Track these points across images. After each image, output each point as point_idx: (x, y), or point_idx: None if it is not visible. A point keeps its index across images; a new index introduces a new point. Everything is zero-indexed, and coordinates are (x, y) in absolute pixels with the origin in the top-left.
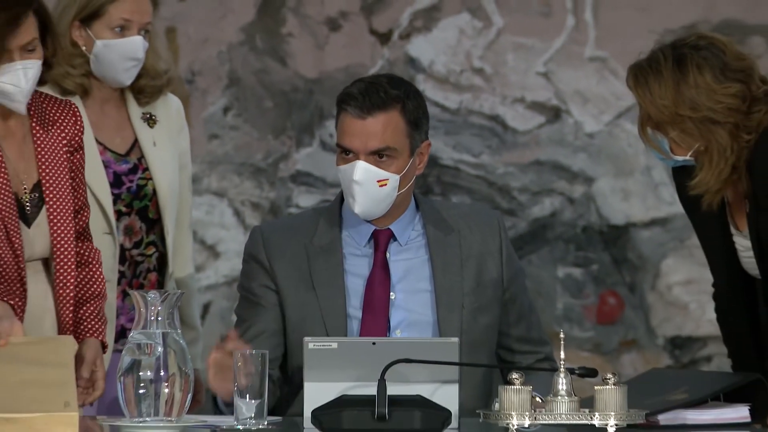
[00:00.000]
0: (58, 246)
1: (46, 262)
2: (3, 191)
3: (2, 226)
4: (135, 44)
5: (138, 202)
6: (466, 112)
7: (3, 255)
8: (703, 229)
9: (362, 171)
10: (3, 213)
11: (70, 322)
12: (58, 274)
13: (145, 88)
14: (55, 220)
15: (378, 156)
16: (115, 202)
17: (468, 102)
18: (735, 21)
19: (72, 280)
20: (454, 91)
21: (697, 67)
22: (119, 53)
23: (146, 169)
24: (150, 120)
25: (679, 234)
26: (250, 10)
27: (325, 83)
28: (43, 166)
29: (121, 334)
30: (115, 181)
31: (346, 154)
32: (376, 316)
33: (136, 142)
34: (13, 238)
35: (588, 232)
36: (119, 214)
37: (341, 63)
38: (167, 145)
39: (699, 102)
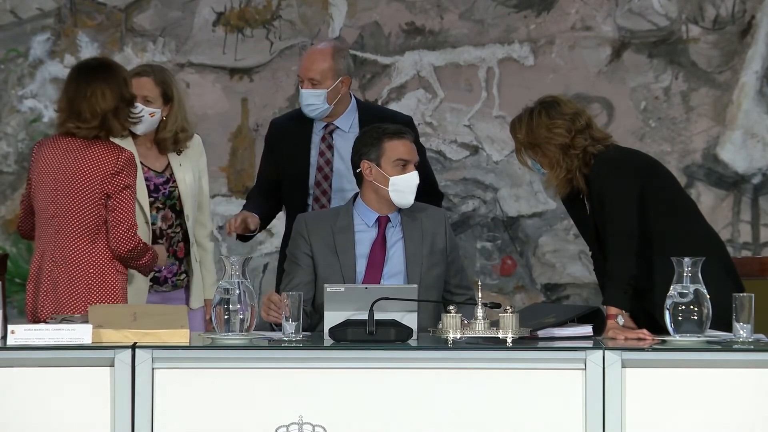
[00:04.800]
0: None
1: None
2: None
3: None
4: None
5: (169, 200)
6: None
7: None
8: (575, 217)
9: (417, 175)
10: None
11: None
12: None
13: (163, 140)
14: None
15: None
16: (155, 201)
17: (423, 143)
18: (582, 93)
19: None
20: None
21: (538, 113)
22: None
23: (174, 181)
24: (178, 150)
25: (549, 222)
26: (292, 88)
27: None
28: None
29: (165, 280)
30: (155, 189)
31: (403, 165)
32: (375, 270)
33: (169, 164)
34: None
35: (495, 221)
36: (158, 209)
37: None
38: (188, 165)
39: (539, 133)
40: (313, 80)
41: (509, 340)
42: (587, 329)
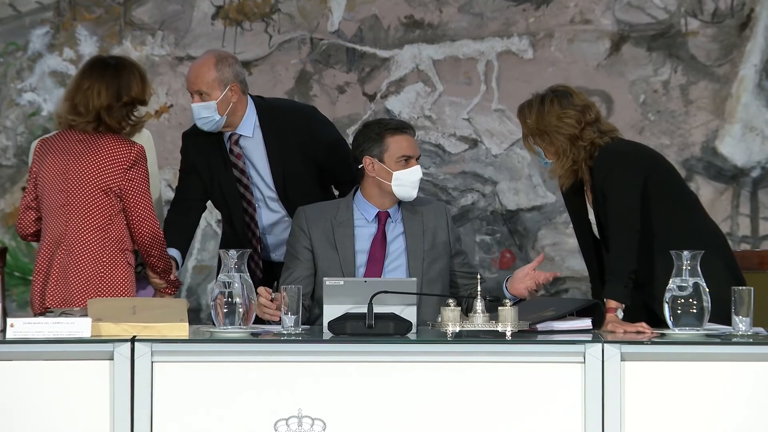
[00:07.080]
0: None
1: None
2: None
3: None
4: None
5: None
6: (421, 143)
7: None
8: (572, 211)
9: (420, 170)
10: None
11: None
12: None
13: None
14: None
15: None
16: None
17: (422, 136)
18: (581, 87)
19: None
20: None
21: (550, 101)
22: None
23: None
24: None
25: (548, 215)
26: (291, 81)
27: (336, 125)
28: None
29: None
30: None
31: (406, 161)
32: (376, 264)
33: None
34: None
35: (494, 214)
36: None
37: (345, 113)
38: None
39: (549, 121)
40: (201, 92)
41: (508, 334)
42: (586, 322)
